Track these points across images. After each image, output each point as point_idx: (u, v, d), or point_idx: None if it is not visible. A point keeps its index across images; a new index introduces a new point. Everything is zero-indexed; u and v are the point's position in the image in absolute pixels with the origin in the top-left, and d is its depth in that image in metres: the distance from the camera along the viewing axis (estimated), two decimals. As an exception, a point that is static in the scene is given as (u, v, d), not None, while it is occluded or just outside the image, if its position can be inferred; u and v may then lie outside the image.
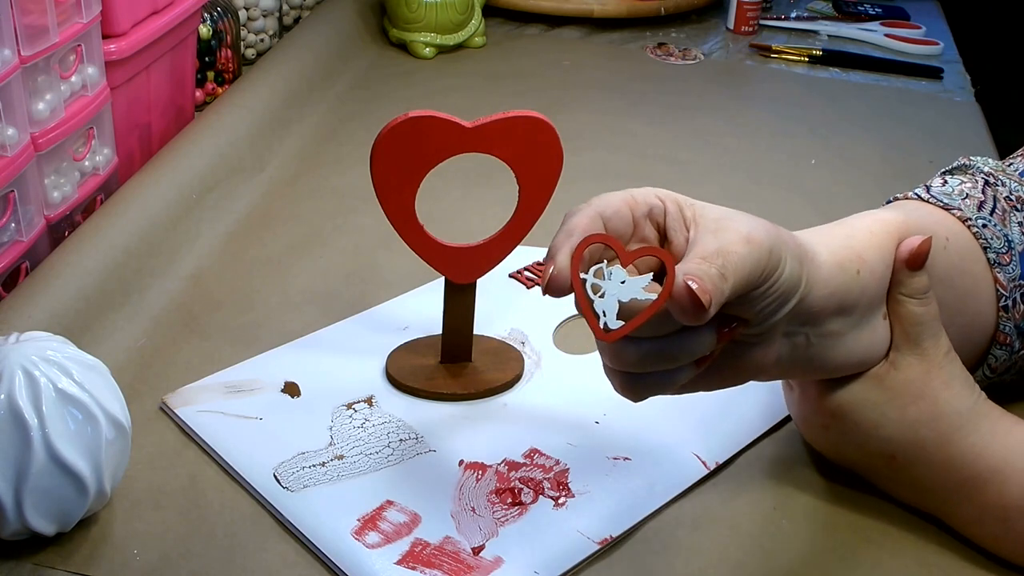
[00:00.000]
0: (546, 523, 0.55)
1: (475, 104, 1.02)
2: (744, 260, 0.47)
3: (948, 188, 0.61)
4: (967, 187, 0.61)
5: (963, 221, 0.59)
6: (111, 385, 0.53)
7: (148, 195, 0.77)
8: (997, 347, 0.60)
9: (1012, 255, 0.59)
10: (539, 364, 0.67)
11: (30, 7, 0.65)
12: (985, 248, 0.59)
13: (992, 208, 0.60)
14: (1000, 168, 0.64)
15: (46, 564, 0.52)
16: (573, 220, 0.49)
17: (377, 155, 0.57)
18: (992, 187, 0.61)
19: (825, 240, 0.54)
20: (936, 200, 0.60)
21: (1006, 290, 0.59)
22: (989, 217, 0.60)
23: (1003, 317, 0.59)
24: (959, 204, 0.60)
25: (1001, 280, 0.59)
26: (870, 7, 1.35)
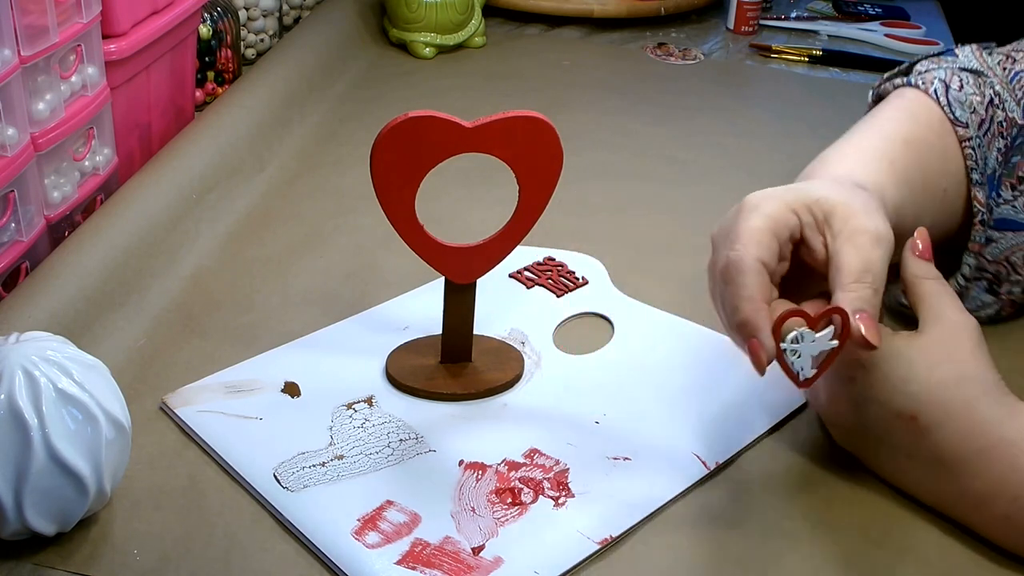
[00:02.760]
0: (546, 523, 0.55)
1: (475, 104, 1.02)
2: (884, 262, 0.55)
3: (963, 96, 0.68)
4: (976, 101, 0.68)
5: (962, 141, 0.67)
6: (111, 385, 0.53)
7: (148, 195, 0.77)
8: (969, 255, 0.69)
9: (985, 176, 0.68)
10: (539, 364, 0.67)
11: (30, 7, 0.65)
12: (972, 169, 0.67)
13: (987, 130, 0.68)
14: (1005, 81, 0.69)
15: (46, 564, 0.52)
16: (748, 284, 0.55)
17: (377, 155, 0.57)
18: (994, 108, 0.69)
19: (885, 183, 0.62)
20: (949, 109, 0.68)
21: (983, 206, 0.67)
22: (983, 137, 0.68)
23: (977, 230, 0.68)
24: (967, 119, 0.68)
25: (979, 197, 0.68)
26: (870, 7, 1.35)
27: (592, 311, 0.73)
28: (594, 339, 0.70)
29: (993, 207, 0.69)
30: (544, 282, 0.75)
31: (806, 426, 0.64)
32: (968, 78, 0.70)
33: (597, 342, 0.70)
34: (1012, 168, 0.69)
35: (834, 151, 0.67)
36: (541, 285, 0.75)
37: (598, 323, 0.72)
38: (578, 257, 0.78)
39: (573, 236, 0.80)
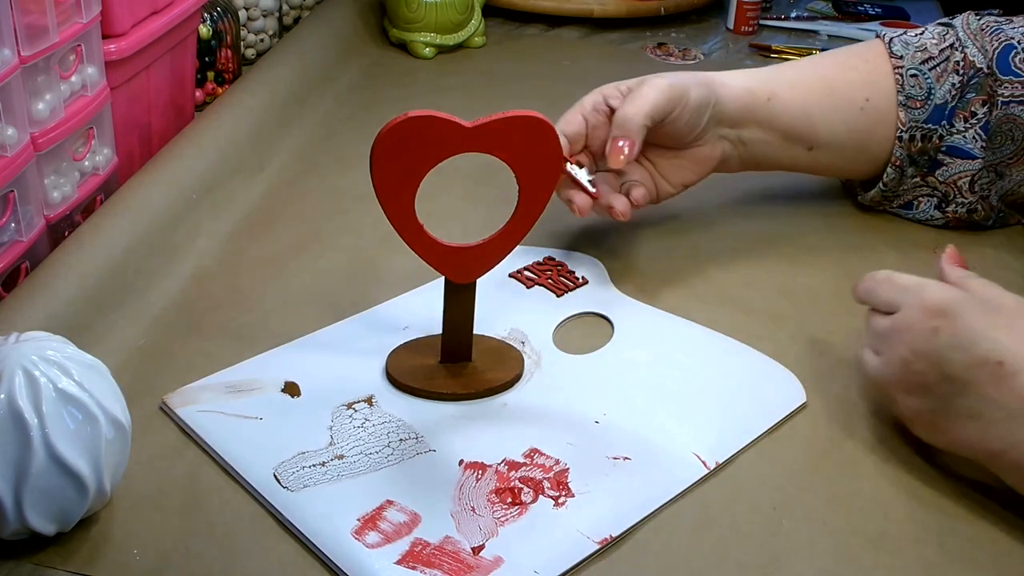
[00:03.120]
0: (546, 523, 0.55)
1: (475, 104, 1.02)
2: (651, 97, 0.72)
3: (915, 39, 0.81)
4: (931, 43, 0.80)
5: (895, 68, 0.79)
6: (111, 385, 0.53)
7: (148, 195, 0.77)
8: (890, 167, 0.81)
9: (927, 104, 0.79)
10: (539, 364, 0.67)
11: (30, 7, 0.65)
12: (898, 92, 0.79)
13: (935, 65, 0.79)
14: (976, 32, 0.79)
15: (46, 564, 0.52)
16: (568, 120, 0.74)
17: (377, 155, 0.57)
18: (952, 50, 0.79)
19: (749, 74, 0.79)
20: (890, 47, 0.80)
21: (904, 126, 0.79)
22: (927, 71, 0.79)
23: (897, 145, 0.80)
24: (908, 55, 0.79)
25: (902, 118, 0.79)
26: (870, 7, 1.35)
27: (592, 311, 0.73)
28: (594, 339, 0.70)
29: (945, 135, 0.80)
30: (544, 282, 0.75)
31: (806, 426, 0.64)
32: (934, 28, 0.81)
33: (597, 342, 0.70)
34: (967, 103, 0.79)
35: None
36: (541, 285, 0.75)
37: (598, 323, 0.72)
38: (578, 257, 0.78)
39: (573, 236, 0.80)
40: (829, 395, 0.66)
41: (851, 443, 0.63)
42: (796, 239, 0.83)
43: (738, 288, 0.76)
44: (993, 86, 0.78)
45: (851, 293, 0.72)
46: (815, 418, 0.64)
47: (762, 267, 0.79)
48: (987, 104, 0.78)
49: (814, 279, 0.78)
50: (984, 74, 0.78)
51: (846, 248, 0.82)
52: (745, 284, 0.77)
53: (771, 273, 0.78)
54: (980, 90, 0.79)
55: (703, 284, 0.77)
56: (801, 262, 0.80)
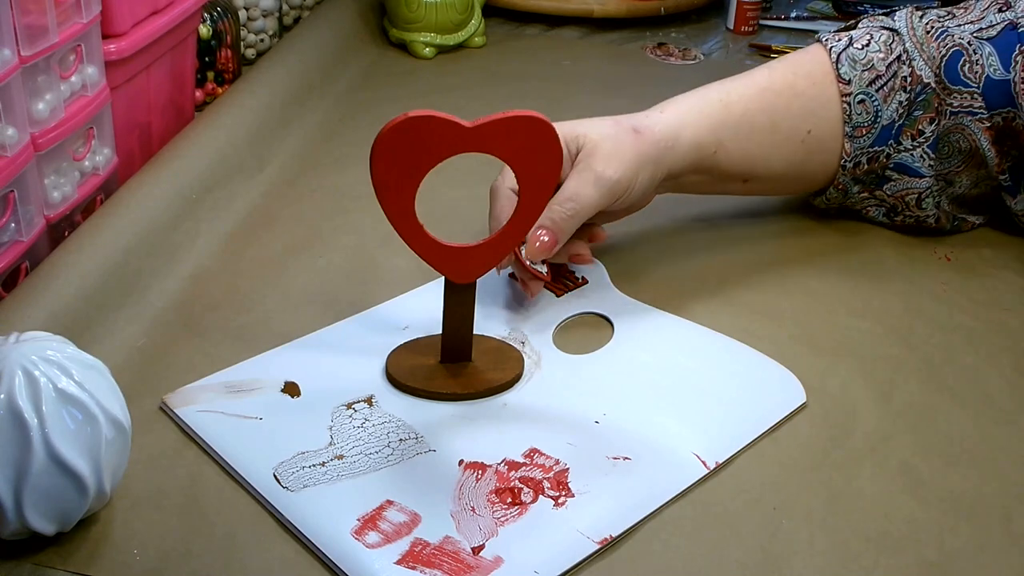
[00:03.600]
0: (546, 523, 0.55)
1: (475, 104, 1.02)
2: (594, 200, 0.68)
3: (862, 53, 0.78)
4: (878, 58, 0.77)
5: (842, 95, 0.77)
6: (111, 385, 0.53)
7: (148, 195, 0.77)
8: (833, 189, 0.81)
9: (873, 128, 0.77)
10: (539, 364, 0.67)
11: (30, 7, 0.65)
12: (846, 122, 0.77)
13: (882, 85, 0.77)
14: (922, 40, 0.77)
15: (46, 564, 0.52)
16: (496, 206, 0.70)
17: (377, 155, 0.57)
18: (900, 63, 0.77)
19: (700, 115, 0.75)
20: (837, 66, 0.77)
21: (848, 156, 0.78)
22: (875, 93, 0.77)
23: (841, 173, 0.79)
24: (854, 76, 0.77)
25: (847, 148, 0.78)
26: (870, 7, 1.35)
27: (592, 311, 0.73)
28: (594, 339, 0.70)
29: (892, 153, 0.78)
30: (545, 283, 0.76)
31: (806, 426, 0.64)
32: (882, 35, 0.78)
33: (597, 342, 0.70)
34: (914, 121, 0.78)
35: (690, 94, 0.77)
36: None
37: (598, 323, 0.72)
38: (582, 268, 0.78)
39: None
40: (829, 395, 0.66)
41: (851, 443, 0.63)
42: (796, 239, 0.83)
43: (738, 288, 0.76)
44: (942, 96, 0.77)
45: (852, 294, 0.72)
46: (815, 418, 0.64)
47: (762, 267, 0.79)
48: (934, 122, 0.77)
49: (814, 279, 0.78)
50: (931, 90, 0.77)
51: (846, 248, 0.82)
52: (745, 284, 0.77)
53: (771, 273, 0.78)
54: (927, 107, 0.77)
55: (703, 284, 0.77)
56: (801, 262, 0.80)
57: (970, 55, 0.76)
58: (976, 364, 0.70)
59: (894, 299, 0.76)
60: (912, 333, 0.72)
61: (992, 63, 0.76)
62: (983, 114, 0.76)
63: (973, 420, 0.65)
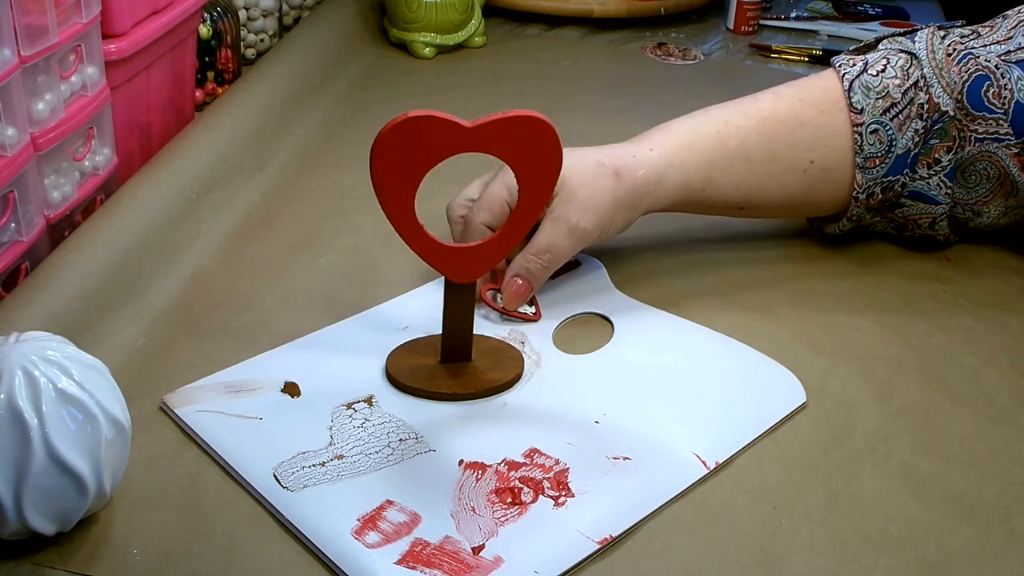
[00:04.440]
0: (546, 523, 0.55)
1: (475, 104, 1.02)
2: (567, 250, 0.70)
3: (877, 80, 0.75)
4: (893, 84, 0.74)
5: (853, 125, 0.74)
6: (111, 385, 0.53)
7: (148, 195, 0.77)
8: (846, 219, 0.78)
9: (887, 158, 0.75)
10: (539, 364, 0.67)
11: (30, 7, 0.65)
12: (857, 153, 0.75)
13: (897, 113, 0.74)
14: (941, 65, 0.74)
15: (46, 564, 0.52)
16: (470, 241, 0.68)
17: (377, 155, 0.57)
18: (916, 90, 0.74)
19: (690, 152, 0.74)
20: (849, 95, 0.75)
21: (861, 187, 0.76)
22: (889, 122, 0.74)
23: (854, 204, 0.77)
24: (867, 105, 0.74)
25: (859, 179, 0.75)
26: (870, 7, 1.35)
27: (592, 311, 0.73)
28: (594, 339, 0.70)
29: (907, 182, 0.76)
30: None
31: (806, 426, 0.64)
32: (899, 59, 0.75)
33: (597, 342, 0.70)
34: (930, 149, 0.75)
35: (687, 120, 0.76)
36: None
37: (598, 323, 0.72)
38: (578, 257, 0.78)
39: (573, 236, 0.80)
40: (829, 395, 0.66)
41: (851, 443, 0.63)
42: (796, 239, 0.83)
43: (738, 288, 0.76)
44: (964, 122, 0.74)
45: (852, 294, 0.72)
46: (815, 418, 0.64)
47: (762, 267, 0.79)
48: (951, 151, 0.74)
49: (814, 279, 0.78)
50: (949, 117, 0.74)
51: (846, 248, 0.82)
52: (745, 284, 0.77)
53: (771, 273, 0.78)
54: (944, 136, 0.74)
55: (703, 284, 0.77)
56: (801, 261, 0.80)
57: (997, 79, 0.73)
58: (976, 364, 0.70)
59: (894, 299, 0.76)
60: (912, 333, 0.72)
61: (1022, 87, 0.73)
62: (1010, 140, 0.73)
63: (973, 420, 0.65)
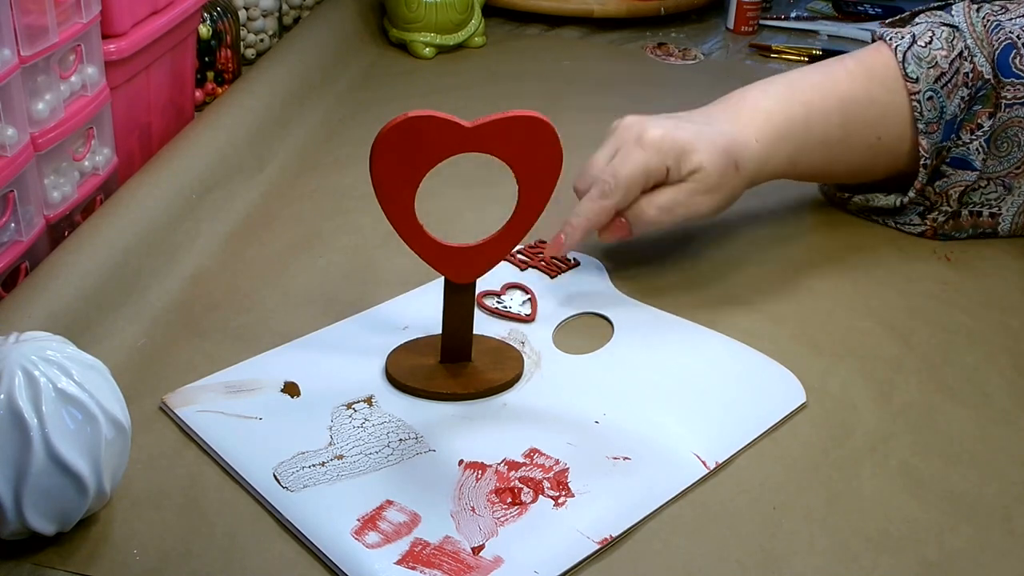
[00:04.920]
0: (546, 523, 0.55)
1: (475, 104, 1.02)
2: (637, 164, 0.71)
3: (926, 51, 0.77)
4: (941, 55, 0.77)
5: (911, 94, 0.77)
6: (111, 385, 0.53)
7: (148, 195, 0.77)
8: (913, 192, 0.80)
9: (940, 124, 0.77)
10: (539, 364, 0.67)
11: (30, 7, 0.65)
12: (917, 120, 0.77)
13: (947, 82, 0.77)
14: (981, 36, 0.78)
15: (46, 564, 0.52)
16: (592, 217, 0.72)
17: (377, 155, 0.57)
18: (961, 60, 0.77)
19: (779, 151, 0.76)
20: (904, 64, 0.77)
21: (927, 152, 0.78)
22: (940, 89, 0.77)
23: (921, 172, 0.79)
24: (921, 74, 0.77)
25: (924, 145, 0.77)
26: (870, 7, 1.35)
27: (592, 311, 0.73)
28: (594, 339, 0.70)
29: (952, 147, 0.79)
30: (537, 264, 0.76)
31: (806, 426, 0.64)
32: (943, 32, 0.78)
33: (597, 342, 0.70)
34: (973, 115, 0.78)
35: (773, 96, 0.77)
36: (534, 267, 0.75)
37: (598, 323, 0.72)
38: (578, 257, 0.78)
39: (573, 236, 0.80)
40: (829, 395, 0.66)
41: (851, 443, 0.63)
42: (796, 239, 0.83)
43: (738, 288, 0.76)
44: (998, 89, 0.77)
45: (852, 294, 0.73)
46: (815, 418, 0.64)
47: (762, 267, 0.79)
48: (992, 116, 0.78)
49: (814, 279, 0.78)
50: (990, 85, 0.77)
51: (846, 248, 0.82)
52: (745, 284, 0.77)
53: (771, 273, 0.78)
54: (986, 102, 0.78)
55: (703, 284, 0.77)
56: (801, 262, 0.80)
57: (1020, 48, 0.77)
58: (976, 364, 0.70)
59: (894, 299, 0.76)
60: (912, 333, 0.72)
61: None
62: None
63: (973, 420, 0.65)
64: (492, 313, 0.71)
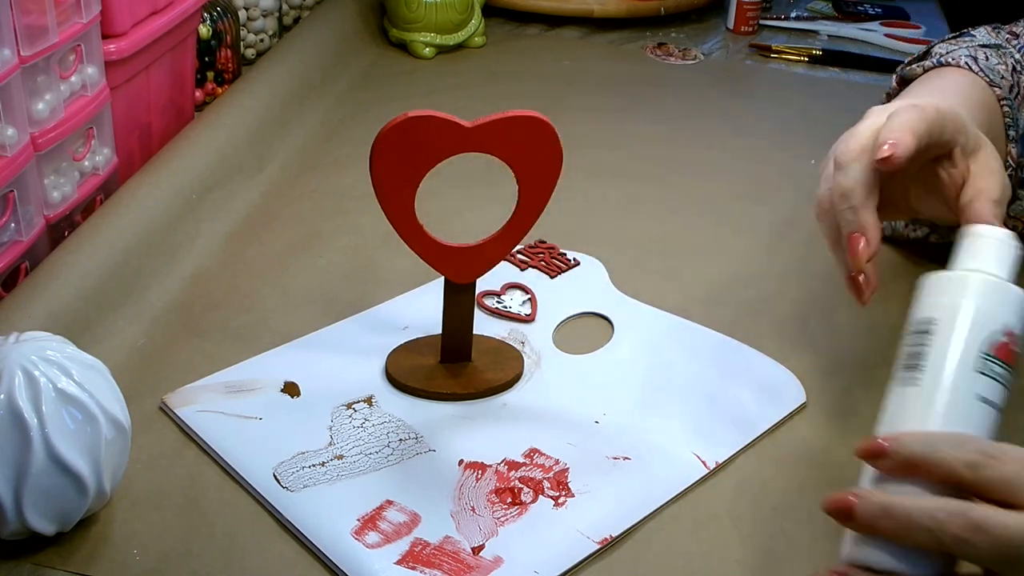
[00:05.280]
0: (546, 523, 0.55)
1: (475, 104, 1.02)
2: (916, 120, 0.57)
3: (990, 64, 0.71)
4: (1002, 69, 0.72)
5: (1000, 100, 0.69)
6: (111, 385, 0.53)
7: (148, 195, 0.77)
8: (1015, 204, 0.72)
9: (1019, 135, 0.70)
10: (539, 364, 0.67)
11: (30, 7, 0.65)
12: (1008, 127, 0.69)
13: (1018, 93, 0.72)
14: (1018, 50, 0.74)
15: (46, 564, 0.52)
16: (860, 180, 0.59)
17: (377, 155, 0.57)
18: (1018, 74, 0.73)
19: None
20: (984, 75, 0.69)
21: (1015, 161, 0.69)
22: (1013, 100, 0.70)
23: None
24: (999, 82, 0.70)
25: (1013, 154, 0.69)
26: (870, 7, 1.35)
27: (592, 311, 0.73)
28: (594, 339, 0.70)
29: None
30: (537, 264, 0.76)
31: (806, 426, 0.64)
32: (989, 52, 0.72)
33: (597, 342, 0.70)
34: None
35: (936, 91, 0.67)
36: (534, 267, 0.75)
37: (598, 323, 0.72)
38: (578, 257, 0.78)
39: (573, 236, 0.80)
40: (829, 395, 0.66)
41: (851, 443, 0.62)
42: (796, 239, 0.83)
43: (738, 288, 0.76)
44: None
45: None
46: (815, 418, 0.64)
47: (762, 267, 0.79)
48: None
49: (815, 279, 0.78)
50: None
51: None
52: (745, 284, 0.77)
53: (772, 273, 0.78)
54: None
55: (703, 284, 0.77)
56: (802, 262, 0.80)
57: None
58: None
59: (894, 299, 0.76)
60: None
61: None
62: None
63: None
64: (492, 313, 0.71)
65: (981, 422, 0.50)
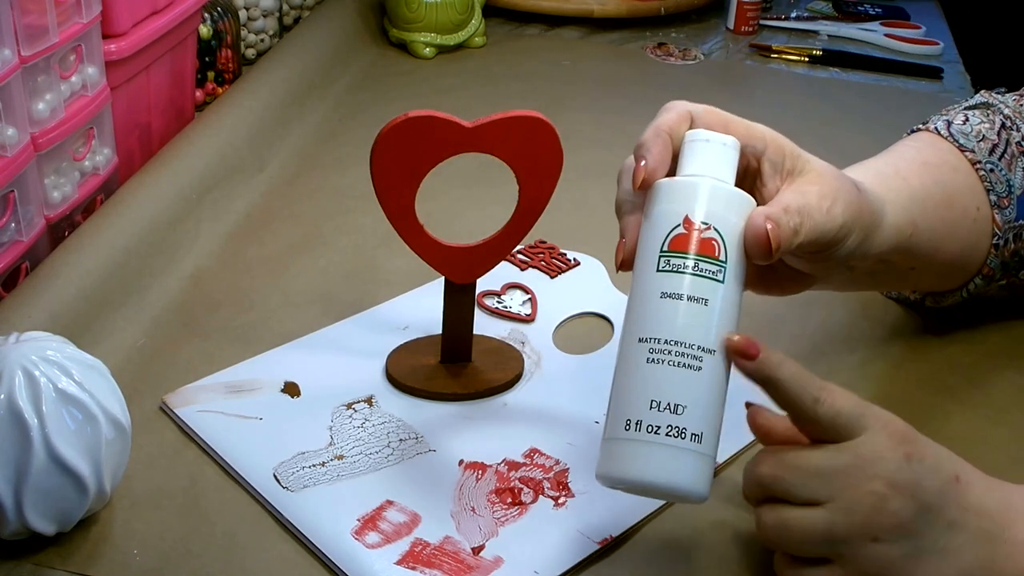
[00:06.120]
0: (546, 523, 0.55)
1: (475, 104, 1.02)
2: (817, 226, 0.53)
3: (967, 128, 0.68)
4: (984, 128, 0.68)
5: (973, 164, 0.66)
6: (111, 385, 0.53)
7: (148, 195, 0.77)
8: (979, 277, 0.68)
9: (1011, 199, 0.67)
10: (539, 364, 0.67)
11: (30, 7, 0.65)
12: (989, 191, 0.66)
13: (1002, 153, 0.67)
14: (1018, 110, 0.70)
15: (46, 564, 0.52)
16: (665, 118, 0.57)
17: (377, 155, 0.57)
18: (1007, 131, 0.68)
19: (888, 198, 0.60)
20: (953, 139, 0.67)
21: (1000, 230, 0.66)
22: (997, 162, 0.67)
23: (992, 254, 0.67)
24: (974, 146, 0.67)
25: (998, 221, 0.66)
26: (870, 7, 1.35)
27: (592, 311, 0.73)
28: (594, 339, 0.70)
29: None
30: (537, 263, 0.76)
31: (806, 426, 0.64)
32: (973, 113, 0.70)
33: (597, 342, 0.70)
34: None
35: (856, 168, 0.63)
36: (534, 267, 0.75)
37: (598, 323, 0.72)
38: (578, 257, 0.78)
39: (573, 236, 0.80)
40: (829, 395, 0.66)
41: (851, 443, 0.63)
42: (796, 239, 0.83)
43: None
44: None
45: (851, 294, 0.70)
46: (815, 418, 0.64)
47: (762, 267, 0.79)
48: None
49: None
50: None
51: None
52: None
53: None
54: None
55: (703, 284, 0.77)
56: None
57: None
58: (976, 364, 0.70)
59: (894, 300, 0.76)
60: (912, 333, 0.72)
61: None
62: None
63: (973, 420, 0.65)
64: (492, 313, 0.71)
65: (670, 316, 0.50)
